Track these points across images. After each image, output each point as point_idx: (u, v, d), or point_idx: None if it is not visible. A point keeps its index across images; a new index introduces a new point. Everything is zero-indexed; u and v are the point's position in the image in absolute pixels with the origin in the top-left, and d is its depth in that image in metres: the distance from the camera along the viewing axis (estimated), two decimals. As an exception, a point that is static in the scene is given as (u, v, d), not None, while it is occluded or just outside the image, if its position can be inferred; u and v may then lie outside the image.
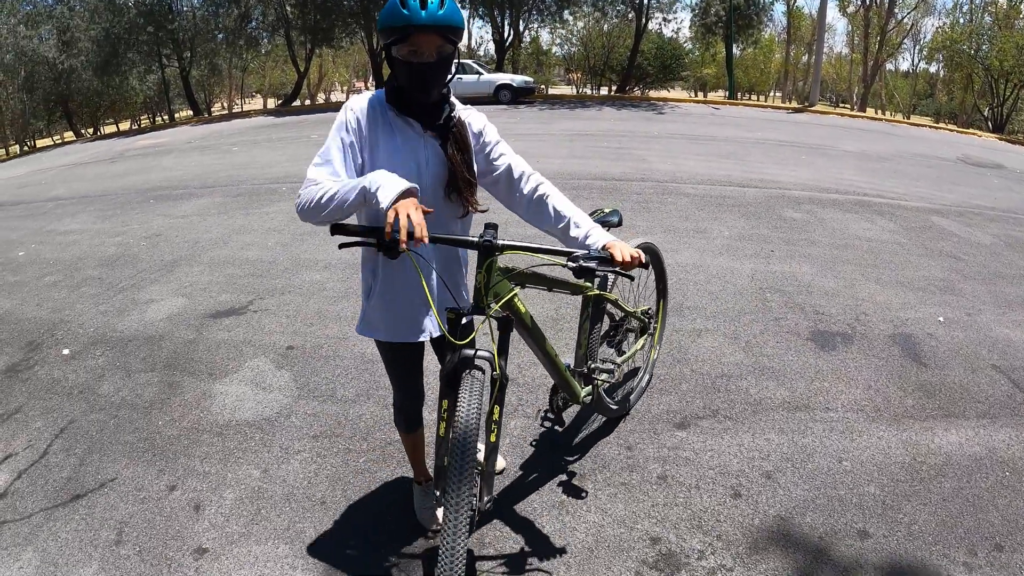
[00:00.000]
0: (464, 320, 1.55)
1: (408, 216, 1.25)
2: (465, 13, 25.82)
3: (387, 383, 2.09)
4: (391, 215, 1.26)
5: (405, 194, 1.31)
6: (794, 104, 28.53)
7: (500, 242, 1.47)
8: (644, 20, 23.22)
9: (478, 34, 52.04)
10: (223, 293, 4.27)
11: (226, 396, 3.02)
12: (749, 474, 2.48)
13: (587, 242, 1.60)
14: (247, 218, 6.18)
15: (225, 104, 35.84)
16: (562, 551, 2.09)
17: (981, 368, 3.35)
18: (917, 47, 42.09)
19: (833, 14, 37.37)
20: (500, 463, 2.42)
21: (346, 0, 21.06)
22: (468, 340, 1.52)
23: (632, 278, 1.57)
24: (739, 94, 39.27)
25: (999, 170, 10.43)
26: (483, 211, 1.70)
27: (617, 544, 2.12)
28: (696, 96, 37.21)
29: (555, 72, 39.69)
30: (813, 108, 20.84)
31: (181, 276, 4.66)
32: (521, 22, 24.25)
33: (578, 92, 30.64)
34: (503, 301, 1.55)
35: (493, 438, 1.56)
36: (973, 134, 19.39)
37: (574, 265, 1.46)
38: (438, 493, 1.54)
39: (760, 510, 2.30)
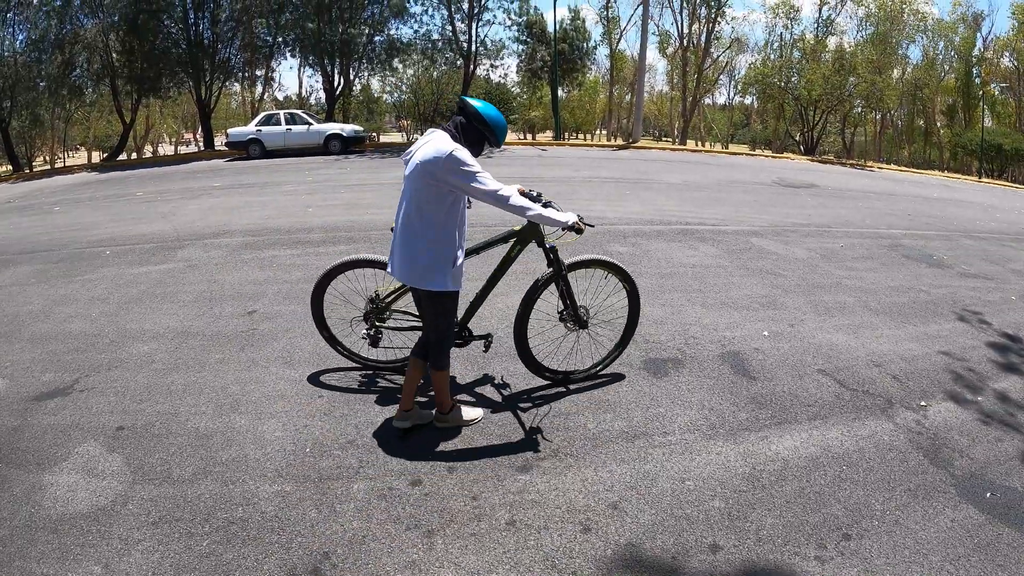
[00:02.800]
0: None
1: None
2: (295, 62, 37.98)
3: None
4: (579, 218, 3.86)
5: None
6: (619, 141, 38.28)
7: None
8: (472, 67, 31.83)
9: (308, 83, 62.72)
10: (47, 372, 4.93)
11: (57, 487, 3.50)
12: (596, 507, 3.27)
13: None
14: (70, 286, 7.12)
15: (47, 158, 43.47)
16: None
17: (808, 374, 4.81)
18: (732, 82, 59.26)
19: (653, 55, 54.67)
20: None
21: (173, 49, 27.70)
22: None
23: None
24: (566, 134, 53.61)
25: (812, 189, 14.44)
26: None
27: (474, 597, 2.70)
28: (525, 139, 47.44)
29: (386, 120, 48.94)
30: (637, 144, 28.44)
31: (0, 355, 5.26)
32: (351, 70, 31.74)
33: (409, 139, 37.67)
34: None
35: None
36: (787, 158, 27.53)
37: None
38: None
39: (611, 541, 3.05)
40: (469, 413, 4.05)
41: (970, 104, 55.73)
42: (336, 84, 31.42)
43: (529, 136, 55.76)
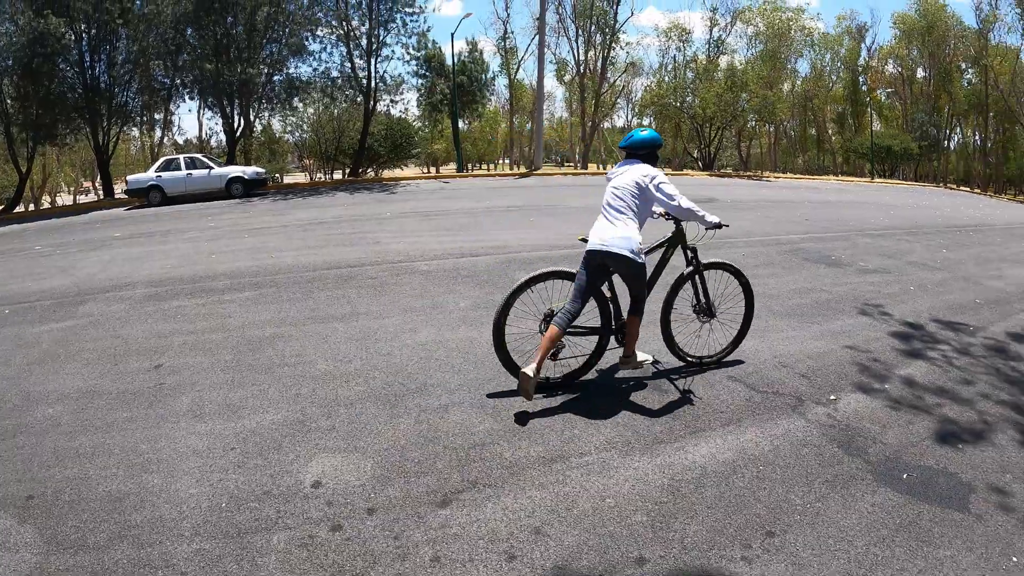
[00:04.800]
0: None
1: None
2: (193, 104, 38.48)
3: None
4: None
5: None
6: (521, 169, 40.73)
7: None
8: (372, 103, 32.96)
9: (208, 125, 62.92)
10: (-49, 443, 4.67)
11: (-28, 567, 3.33)
12: (519, 535, 3.35)
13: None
14: (-36, 350, 6.78)
15: (-60, 213, 40.72)
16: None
17: (718, 381, 5.12)
18: (630, 104, 64.93)
19: (551, 82, 57.93)
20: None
21: (69, 93, 27.53)
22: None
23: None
24: (469, 166, 56.27)
25: (711, 203, 15.25)
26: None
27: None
28: (428, 172, 50.41)
29: (289, 160, 49.74)
30: (538, 171, 30.69)
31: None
32: (251, 111, 32.59)
33: (312, 179, 39.43)
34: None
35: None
36: (687, 175, 29.38)
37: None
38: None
39: (537, 566, 3.14)
40: (640, 356, 5.08)
41: (858, 110, 61.32)
42: (236, 125, 31.94)
43: (432, 169, 59.01)
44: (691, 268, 5.41)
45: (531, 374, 4.47)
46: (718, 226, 5.15)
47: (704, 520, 3.49)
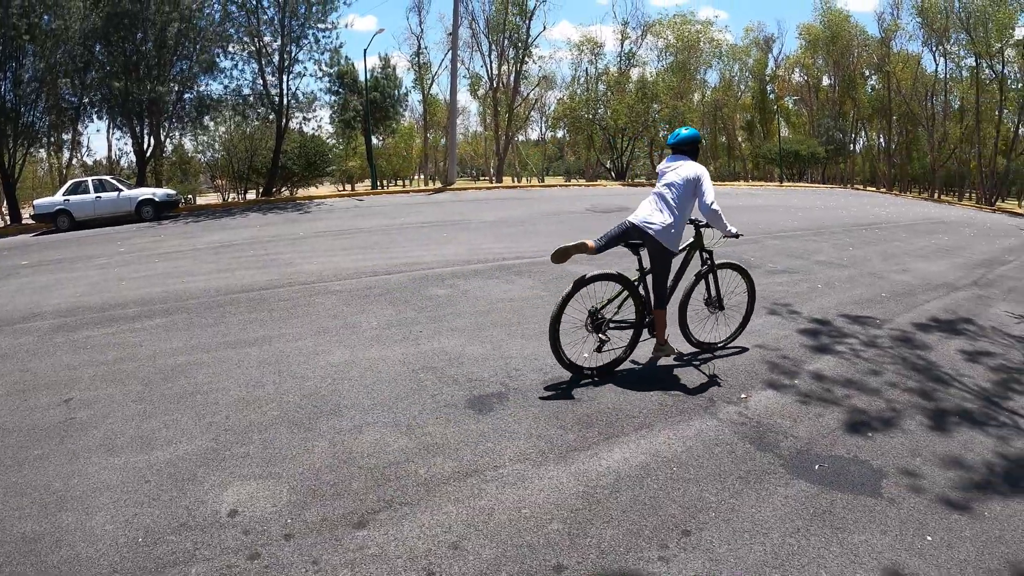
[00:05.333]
0: None
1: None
2: (102, 124, 37.62)
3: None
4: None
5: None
6: (436, 185, 40.35)
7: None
8: (285, 120, 32.38)
9: (117, 146, 59.26)
10: None
11: None
12: (437, 551, 3.34)
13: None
14: None
15: None
16: None
17: (631, 387, 5.23)
18: (543, 117, 65.69)
19: (465, 97, 58.77)
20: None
21: None
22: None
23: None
24: (384, 182, 58.05)
25: (623, 212, 15.10)
26: None
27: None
28: (343, 190, 49.82)
29: (200, 180, 48.58)
30: (453, 186, 30.70)
31: None
32: (161, 130, 31.75)
33: (225, 199, 38.02)
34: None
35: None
36: (601, 185, 30.19)
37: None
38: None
39: (454, 581, 3.16)
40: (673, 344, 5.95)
41: (767, 118, 64.23)
42: (146, 145, 30.64)
43: (347, 187, 58.69)
44: (707, 267, 6.20)
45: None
46: (735, 235, 5.76)
47: (620, 524, 3.54)
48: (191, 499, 3.92)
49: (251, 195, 37.98)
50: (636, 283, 5.71)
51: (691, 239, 6.11)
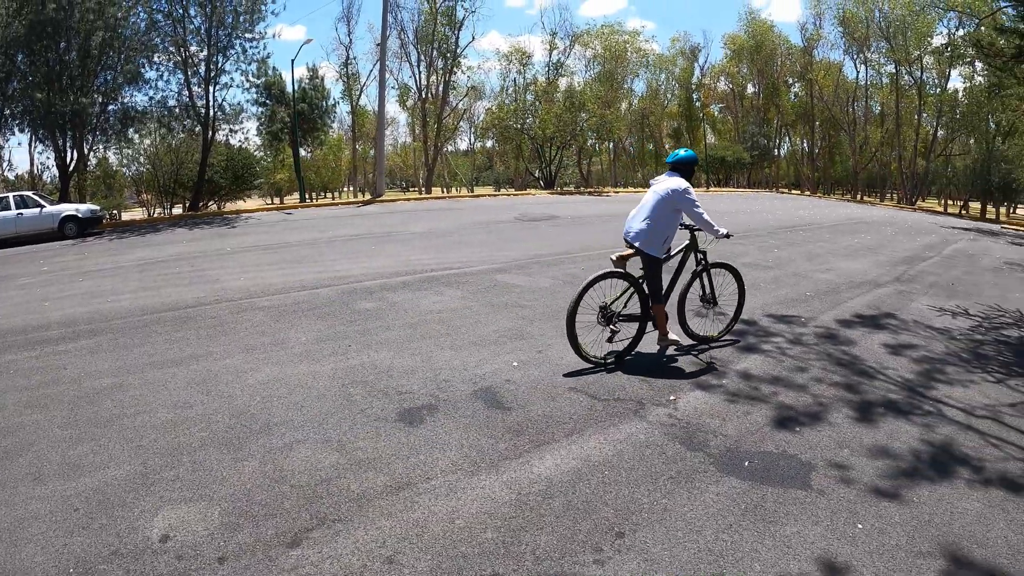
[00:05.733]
0: None
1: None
2: (24, 138, 36.49)
3: None
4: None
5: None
6: (365, 197, 40.47)
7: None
8: (211, 132, 31.51)
9: (40, 160, 54.89)
10: None
11: None
12: (372, 566, 3.32)
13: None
14: None
15: None
16: None
17: (560, 394, 5.28)
18: (472, 127, 65.59)
19: (394, 108, 58.27)
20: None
21: None
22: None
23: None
24: (313, 195, 57.51)
25: (552, 220, 15.97)
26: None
27: None
28: (271, 203, 48.92)
29: (126, 195, 47.35)
30: (382, 198, 30.25)
31: None
32: (85, 143, 30.49)
33: (150, 215, 37.20)
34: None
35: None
36: (530, 194, 30.63)
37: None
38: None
39: (391, 595, 3.14)
40: (672, 336, 6.40)
41: (693, 125, 66.21)
42: (69, 159, 29.60)
43: (276, 200, 58.14)
44: (701, 267, 6.87)
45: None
46: (727, 236, 6.44)
47: (554, 530, 3.57)
48: (122, 526, 3.82)
49: (177, 210, 37.19)
50: (640, 280, 6.33)
51: (687, 242, 6.74)
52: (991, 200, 51.04)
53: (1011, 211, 59.30)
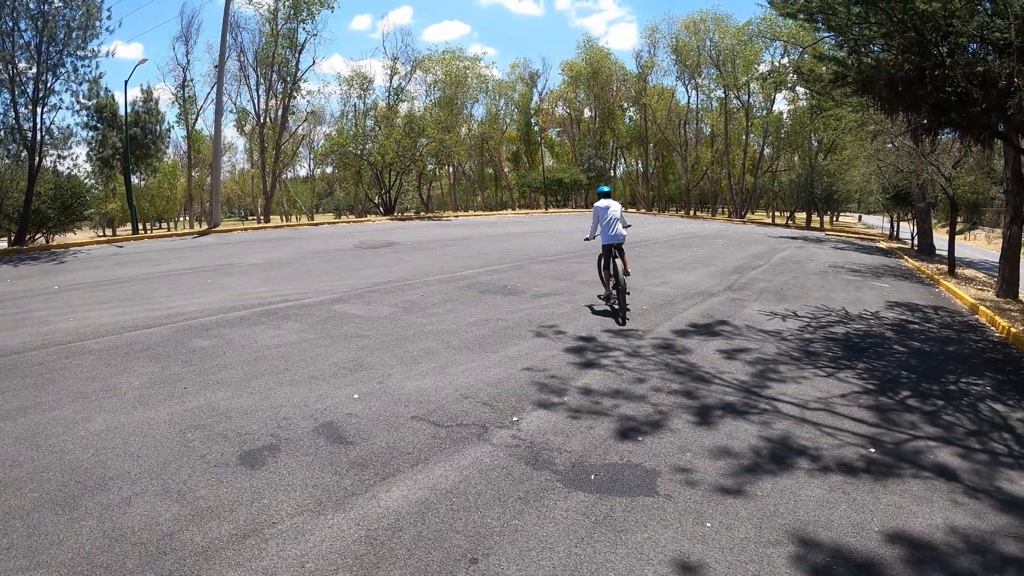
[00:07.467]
0: None
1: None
2: None
3: None
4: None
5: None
6: (202, 227, 38.75)
7: None
8: (39, 158, 28.61)
9: None
10: None
11: None
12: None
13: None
14: None
15: None
16: None
17: (403, 424, 5.26)
18: (311, 154, 65.31)
19: (232, 133, 55.65)
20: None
21: None
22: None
23: None
24: (146, 225, 54.29)
25: (392, 247, 16.02)
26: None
27: None
28: (103, 235, 45.02)
29: None
30: (218, 228, 29.31)
31: None
32: None
33: None
34: None
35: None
36: (370, 221, 31.23)
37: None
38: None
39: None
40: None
41: (532, 149, 68.78)
42: None
43: (109, 231, 54.19)
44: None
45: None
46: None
47: (407, 563, 3.56)
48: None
49: (2, 244, 34.44)
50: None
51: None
52: (815, 210, 56.15)
53: (834, 219, 65.19)
